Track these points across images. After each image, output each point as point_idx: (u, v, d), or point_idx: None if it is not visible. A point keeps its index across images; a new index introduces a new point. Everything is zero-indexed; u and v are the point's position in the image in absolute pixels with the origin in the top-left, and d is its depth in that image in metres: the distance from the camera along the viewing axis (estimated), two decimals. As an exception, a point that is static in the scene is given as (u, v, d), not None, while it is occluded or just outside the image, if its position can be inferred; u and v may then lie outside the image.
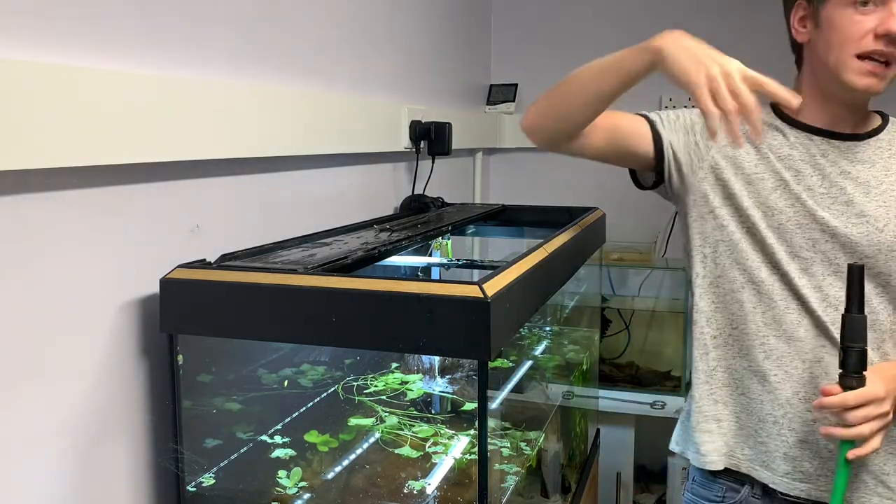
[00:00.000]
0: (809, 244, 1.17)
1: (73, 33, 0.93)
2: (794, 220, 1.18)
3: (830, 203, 1.17)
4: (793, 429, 1.20)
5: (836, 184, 1.18)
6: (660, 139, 1.25)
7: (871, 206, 1.17)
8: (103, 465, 1.02)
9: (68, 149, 0.89)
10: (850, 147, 1.20)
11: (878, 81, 1.11)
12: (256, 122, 1.25)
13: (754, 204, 1.19)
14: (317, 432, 1.24)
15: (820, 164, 1.19)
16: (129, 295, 1.04)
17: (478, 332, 0.89)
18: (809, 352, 1.18)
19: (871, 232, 1.16)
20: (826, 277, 1.17)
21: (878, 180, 1.18)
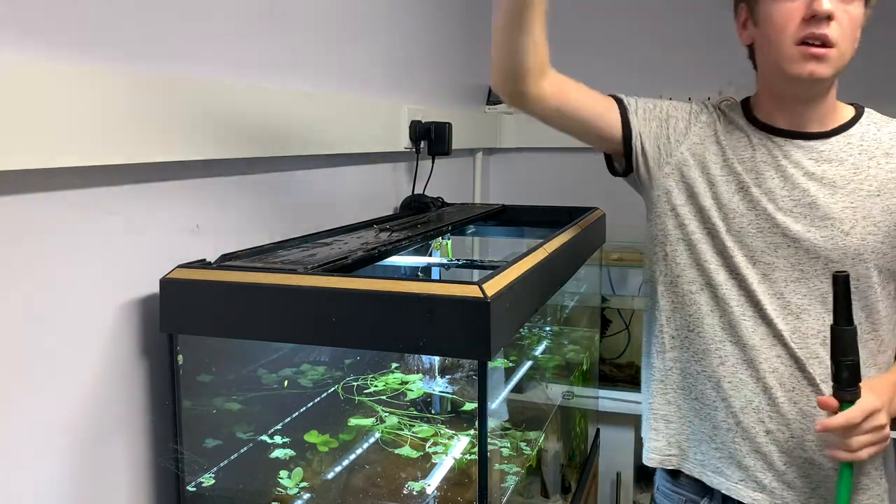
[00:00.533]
0: (770, 249, 1.14)
1: (74, 33, 0.93)
2: (754, 224, 1.15)
3: (793, 206, 1.13)
4: (747, 438, 1.17)
5: (799, 185, 1.13)
6: (629, 128, 1.22)
7: (836, 207, 1.12)
8: (103, 465, 1.02)
9: (68, 149, 0.89)
10: (816, 146, 1.15)
11: (820, 65, 1.06)
12: (256, 122, 1.25)
13: (715, 206, 1.17)
14: (317, 432, 1.24)
15: (782, 165, 1.15)
16: (129, 295, 1.04)
17: (478, 332, 0.89)
18: (764, 361, 1.15)
19: (836, 235, 1.12)
20: (788, 284, 1.14)
21: (846, 179, 1.13)
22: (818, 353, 1.13)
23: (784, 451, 1.16)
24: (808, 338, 1.14)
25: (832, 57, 1.06)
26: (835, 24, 1.05)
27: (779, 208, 1.14)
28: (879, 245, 1.12)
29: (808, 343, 1.13)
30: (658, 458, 1.28)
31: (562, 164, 2.67)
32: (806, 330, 1.14)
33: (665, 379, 1.26)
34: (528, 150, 2.70)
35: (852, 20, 1.06)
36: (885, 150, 1.14)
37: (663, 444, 1.27)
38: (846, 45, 1.07)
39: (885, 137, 1.15)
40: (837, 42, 1.05)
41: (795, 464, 1.16)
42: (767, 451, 1.16)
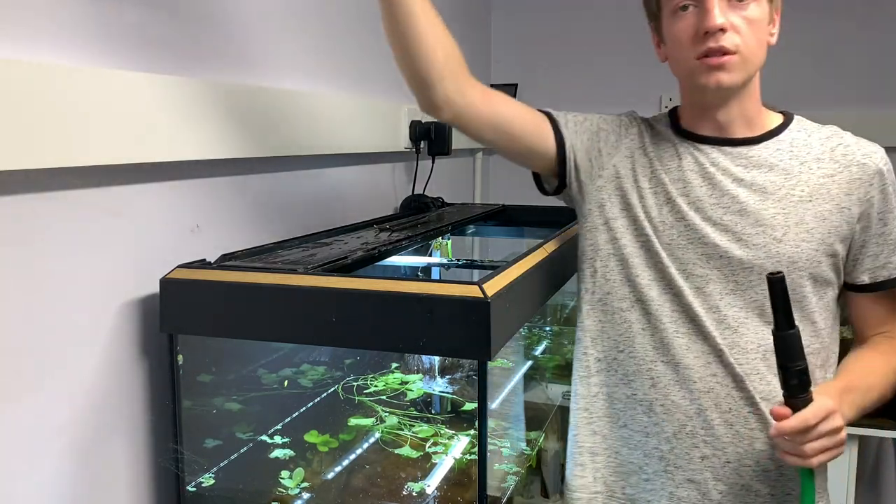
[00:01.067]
0: (703, 260, 1.09)
1: (74, 33, 0.93)
2: (683, 236, 1.11)
3: (722, 214, 1.09)
4: (680, 466, 1.11)
5: (728, 192, 1.09)
6: (562, 141, 1.20)
7: (767, 213, 1.08)
8: (103, 465, 1.02)
9: (68, 149, 0.89)
10: (743, 152, 1.11)
11: (724, 73, 1.04)
12: (257, 122, 1.25)
13: (646, 218, 1.13)
14: (317, 432, 1.24)
15: (709, 172, 1.11)
16: (129, 295, 1.04)
17: (478, 332, 0.89)
18: (699, 381, 1.09)
19: (769, 243, 1.07)
20: (724, 297, 1.09)
21: (777, 185, 1.09)
22: (758, 369, 1.08)
23: (719, 478, 1.10)
24: (747, 353, 1.08)
25: (735, 63, 1.04)
26: (730, 33, 1.03)
27: (707, 218, 1.10)
28: (813, 253, 1.07)
29: (747, 358, 1.08)
30: (585, 498, 1.19)
31: (562, 164, 2.67)
32: (745, 344, 1.08)
33: (590, 407, 1.18)
34: (528, 150, 2.70)
35: (752, 22, 1.04)
36: (815, 156, 1.10)
37: (589, 481, 1.19)
38: (750, 48, 1.05)
39: (815, 143, 1.11)
40: (738, 48, 1.04)
41: (732, 492, 1.10)
42: (702, 479, 1.10)
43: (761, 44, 1.06)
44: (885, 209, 1.09)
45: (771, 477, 1.09)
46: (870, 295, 1.12)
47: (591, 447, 1.19)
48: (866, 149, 1.10)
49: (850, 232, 1.09)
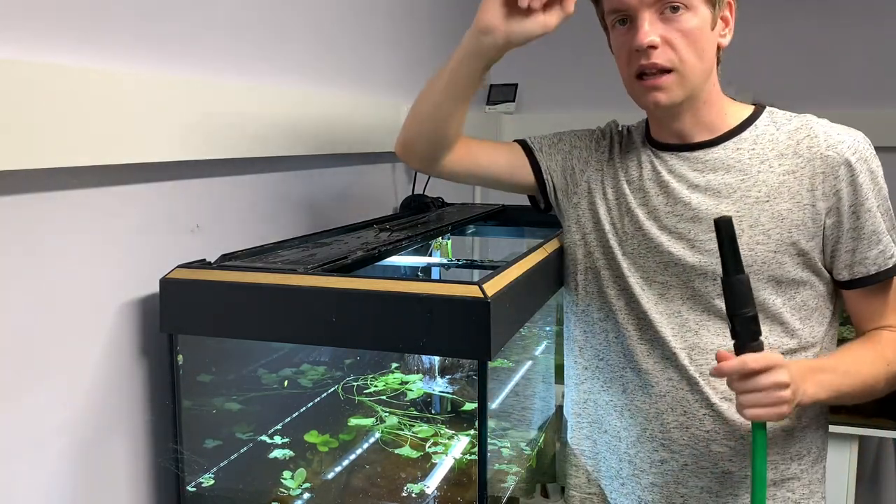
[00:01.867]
0: (661, 268, 1.10)
1: (74, 33, 0.93)
2: (643, 245, 1.11)
3: (676, 222, 1.09)
4: (643, 469, 1.14)
5: (681, 200, 1.09)
6: (538, 168, 1.23)
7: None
8: (103, 465, 1.02)
9: (68, 149, 0.89)
10: (700, 156, 1.09)
11: (661, 93, 1.03)
12: (256, 123, 1.25)
13: (612, 230, 1.14)
14: (317, 432, 1.24)
15: (664, 181, 1.10)
16: (129, 295, 1.04)
17: (478, 332, 0.89)
18: (656, 385, 1.11)
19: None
20: (685, 302, 1.09)
21: (732, 188, 1.07)
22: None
23: (679, 481, 1.11)
24: (706, 353, 1.08)
25: (671, 83, 1.02)
26: (663, 49, 1.00)
27: (663, 227, 1.10)
28: (770, 255, 1.05)
29: (706, 359, 1.08)
30: (579, 497, 1.24)
31: (562, 164, 2.67)
32: (704, 345, 1.08)
33: (580, 412, 1.23)
34: (528, 150, 2.70)
35: (688, 34, 1.01)
36: (779, 152, 1.06)
37: (584, 482, 1.24)
38: (688, 63, 1.01)
39: (783, 137, 1.07)
40: (674, 64, 1.01)
41: (693, 494, 1.11)
42: (663, 483, 1.12)
43: (703, 54, 1.03)
44: (857, 202, 1.03)
45: (732, 479, 1.09)
46: (856, 291, 1.09)
47: (582, 450, 1.25)
48: (833, 139, 1.04)
49: (819, 228, 1.05)
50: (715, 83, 1.09)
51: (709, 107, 1.09)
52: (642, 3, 1.01)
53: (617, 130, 1.23)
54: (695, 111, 1.08)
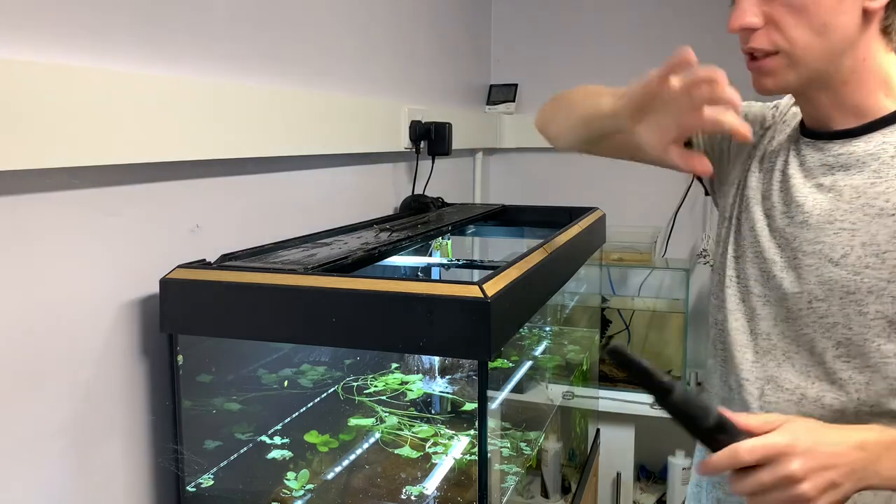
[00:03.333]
0: (763, 279, 0.95)
1: (74, 33, 0.93)
2: (751, 249, 0.97)
3: (785, 225, 0.92)
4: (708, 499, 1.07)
5: (796, 199, 0.92)
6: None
7: (831, 228, 0.88)
8: (103, 465, 1.02)
9: (68, 149, 0.89)
10: (834, 148, 0.91)
11: (768, 78, 0.88)
12: (256, 123, 1.25)
13: (734, 228, 1.00)
14: (317, 432, 1.24)
15: (788, 174, 0.94)
16: (129, 295, 1.04)
17: (478, 332, 0.88)
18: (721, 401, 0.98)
19: (821, 265, 0.88)
20: (777, 324, 0.93)
21: (857, 192, 0.87)
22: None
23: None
24: (780, 391, 0.92)
25: (778, 66, 0.87)
26: (765, 30, 0.86)
27: (772, 230, 0.94)
28: (883, 284, 0.84)
29: (778, 398, 0.92)
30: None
31: (562, 164, 2.67)
32: (782, 381, 0.92)
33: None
34: (528, 150, 2.70)
35: (800, 10, 0.84)
36: None
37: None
38: (800, 43, 0.85)
39: None
40: (778, 46, 0.86)
41: None
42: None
43: (825, 29, 0.84)
44: None
45: None
46: None
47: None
48: None
49: None
50: (867, 57, 0.87)
51: (855, 87, 0.88)
52: None
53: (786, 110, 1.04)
54: (833, 92, 0.89)
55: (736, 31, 0.88)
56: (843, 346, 0.87)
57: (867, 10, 0.84)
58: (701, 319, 2.42)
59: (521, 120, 2.66)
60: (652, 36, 2.53)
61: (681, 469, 2.26)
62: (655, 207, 2.58)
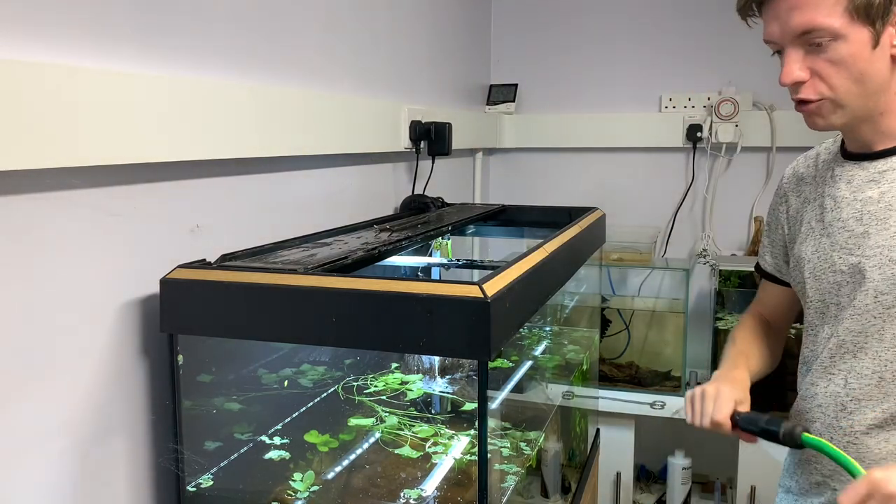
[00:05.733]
0: (835, 288, 1.09)
1: (74, 33, 0.93)
2: (819, 267, 1.11)
3: (847, 239, 1.07)
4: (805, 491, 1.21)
5: (854, 214, 1.07)
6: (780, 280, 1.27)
7: (885, 234, 1.03)
8: (103, 465, 1.02)
9: (69, 149, 0.89)
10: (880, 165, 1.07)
11: (819, 118, 1.03)
12: (256, 122, 1.25)
13: (803, 258, 1.15)
14: (317, 432, 1.24)
15: (840, 193, 1.10)
16: (129, 295, 1.04)
17: (478, 332, 0.88)
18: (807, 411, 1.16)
19: (884, 263, 1.03)
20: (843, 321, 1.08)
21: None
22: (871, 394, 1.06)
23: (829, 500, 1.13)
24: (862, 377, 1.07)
25: (826, 109, 1.02)
26: (812, 82, 1.01)
27: (834, 243, 1.09)
28: None
29: (861, 383, 1.07)
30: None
31: (562, 164, 2.67)
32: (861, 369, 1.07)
33: None
34: (528, 150, 2.70)
35: (839, 63, 0.98)
36: None
37: None
38: (842, 90, 1.00)
39: None
40: (824, 95, 1.01)
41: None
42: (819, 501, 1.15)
43: (863, 77, 0.99)
44: None
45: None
46: None
47: None
48: None
49: None
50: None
51: (891, 116, 1.05)
52: (784, 38, 1.01)
53: (797, 167, 1.24)
54: (873, 123, 1.05)
55: (787, 86, 1.02)
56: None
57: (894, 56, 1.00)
58: (701, 319, 2.42)
59: (521, 120, 2.66)
60: (652, 36, 2.53)
61: (680, 469, 2.26)
62: (655, 207, 2.58)
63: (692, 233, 2.56)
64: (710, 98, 2.43)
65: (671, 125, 2.49)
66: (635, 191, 2.59)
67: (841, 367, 1.08)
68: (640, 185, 2.60)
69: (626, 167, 2.61)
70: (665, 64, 2.51)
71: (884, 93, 1.02)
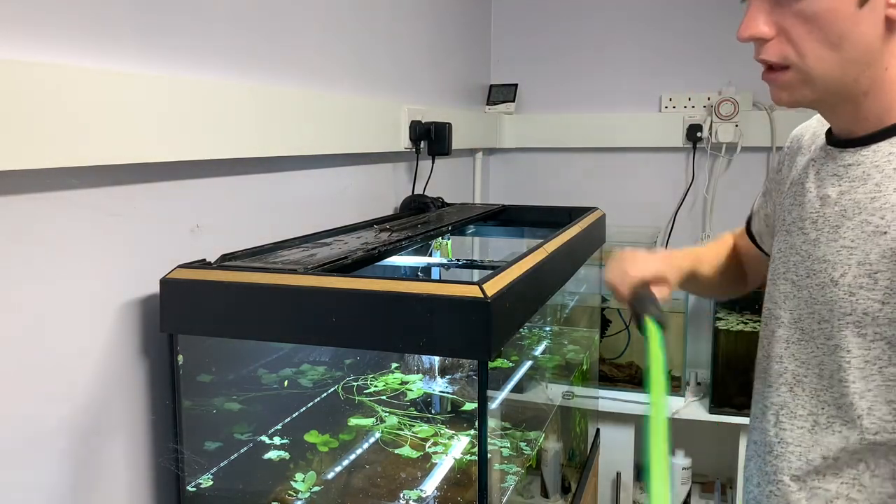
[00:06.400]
0: (781, 298, 0.93)
1: (74, 33, 0.93)
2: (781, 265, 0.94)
3: (802, 242, 0.89)
4: None
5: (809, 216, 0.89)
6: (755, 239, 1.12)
7: (835, 245, 0.84)
8: (103, 465, 1.02)
9: (69, 149, 0.89)
10: (848, 157, 0.86)
11: (783, 92, 0.83)
12: (256, 122, 1.25)
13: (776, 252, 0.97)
14: (317, 432, 1.24)
15: (805, 188, 0.91)
16: (129, 295, 1.04)
17: (478, 332, 0.89)
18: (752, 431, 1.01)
19: (826, 283, 0.84)
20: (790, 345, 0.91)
21: (859, 207, 0.82)
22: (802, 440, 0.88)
23: None
24: (794, 418, 0.89)
25: (791, 80, 0.81)
26: (776, 42, 0.80)
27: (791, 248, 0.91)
28: (878, 306, 0.80)
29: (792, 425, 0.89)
30: None
31: (562, 164, 2.67)
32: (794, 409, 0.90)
33: None
34: (528, 150, 2.70)
35: (810, 21, 0.77)
36: None
37: None
38: (810, 58, 0.79)
39: None
40: (789, 60, 0.80)
41: None
42: None
43: (841, 42, 0.77)
44: None
45: None
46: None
47: None
48: None
49: None
50: (891, 66, 0.80)
51: (877, 96, 0.82)
52: None
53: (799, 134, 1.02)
54: (854, 104, 0.83)
55: (745, 41, 0.82)
56: (844, 371, 0.83)
57: (891, 17, 0.77)
58: (701, 319, 2.42)
59: (521, 120, 2.66)
60: (652, 36, 2.53)
61: (681, 469, 2.26)
62: (655, 207, 2.58)
63: (692, 233, 2.56)
64: (710, 98, 2.43)
65: (671, 125, 2.49)
66: (635, 191, 2.59)
67: (775, 401, 0.92)
68: (640, 185, 2.60)
69: (626, 167, 2.61)
70: (665, 64, 2.51)
71: (870, 66, 0.80)
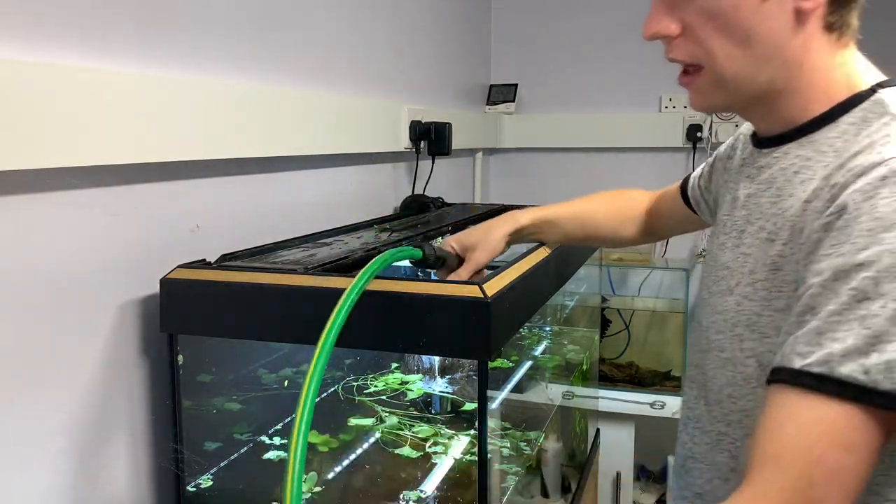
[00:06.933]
0: (702, 305, 0.87)
1: (74, 33, 0.93)
2: (703, 271, 0.89)
3: (714, 248, 0.85)
4: None
5: (722, 220, 0.85)
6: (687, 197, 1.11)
7: (736, 252, 0.79)
8: (103, 465, 1.02)
9: (69, 149, 0.89)
10: (760, 159, 0.80)
11: (696, 95, 0.78)
12: (256, 123, 1.25)
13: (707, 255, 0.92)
14: (317, 432, 1.24)
15: (730, 188, 0.86)
16: (129, 295, 1.04)
17: (478, 332, 0.89)
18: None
19: (723, 292, 0.78)
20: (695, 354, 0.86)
21: (759, 211, 0.77)
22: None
23: None
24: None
25: (702, 83, 0.76)
26: (681, 39, 0.75)
27: (709, 255, 0.86)
28: (755, 318, 0.73)
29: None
30: None
31: (562, 164, 2.67)
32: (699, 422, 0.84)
33: None
34: (528, 150, 2.70)
35: (713, 16, 0.72)
36: (834, 167, 0.69)
37: None
38: (718, 56, 0.73)
39: (852, 146, 0.69)
40: (697, 59, 0.75)
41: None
42: None
43: (749, 37, 0.71)
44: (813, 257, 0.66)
45: None
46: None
47: None
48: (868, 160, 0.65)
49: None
50: (805, 61, 0.73)
51: (791, 96, 0.75)
52: None
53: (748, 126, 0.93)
54: (768, 106, 0.77)
55: (649, 39, 0.77)
56: (730, 386, 0.77)
57: (800, 10, 0.70)
58: (701, 319, 2.42)
59: (521, 120, 2.65)
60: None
61: (681, 469, 2.26)
62: (655, 207, 2.58)
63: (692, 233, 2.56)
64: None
65: (671, 125, 2.49)
66: (635, 191, 2.59)
67: (690, 416, 0.86)
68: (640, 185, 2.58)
69: (626, 167, 2.61)
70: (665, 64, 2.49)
71: (784, 64, 0.72)
